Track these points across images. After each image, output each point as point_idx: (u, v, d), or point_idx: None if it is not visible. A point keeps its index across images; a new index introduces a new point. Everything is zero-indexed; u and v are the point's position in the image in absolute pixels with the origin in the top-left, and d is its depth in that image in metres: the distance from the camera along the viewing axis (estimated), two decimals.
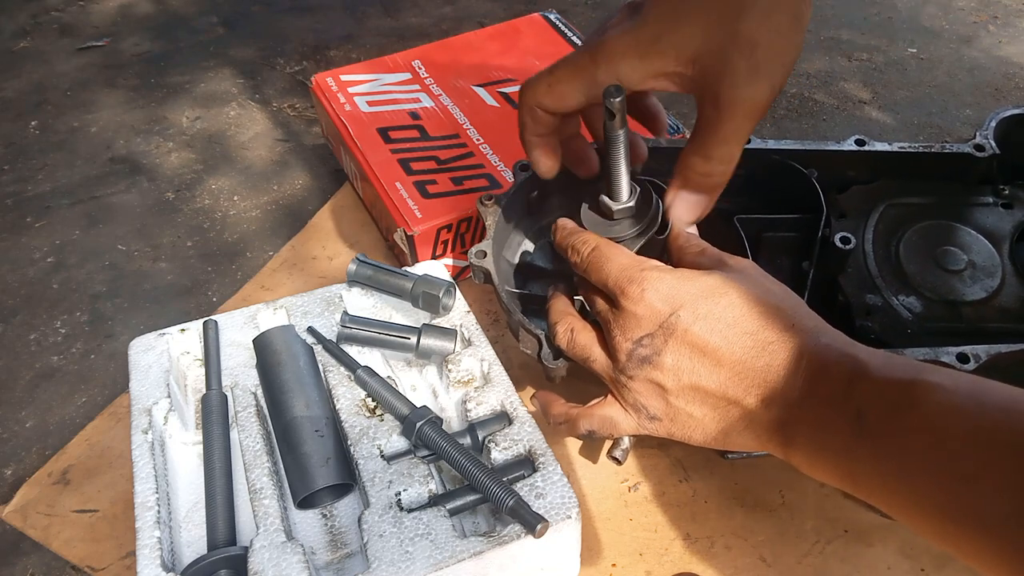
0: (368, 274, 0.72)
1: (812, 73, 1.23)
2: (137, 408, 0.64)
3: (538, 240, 0.82)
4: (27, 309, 0.93)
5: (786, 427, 0.47)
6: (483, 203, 0.73)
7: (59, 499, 0.71)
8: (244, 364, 0.68)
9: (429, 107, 0.99)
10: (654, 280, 0.51)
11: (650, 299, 0.50)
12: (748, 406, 0.48)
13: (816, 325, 0.49)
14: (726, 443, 0.51)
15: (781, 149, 0.76)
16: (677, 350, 0.49)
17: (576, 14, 1.40)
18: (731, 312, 0.49)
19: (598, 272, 0.55)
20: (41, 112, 1.26)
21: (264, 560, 0.53)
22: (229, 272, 0.96)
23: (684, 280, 0.51)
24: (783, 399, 0.47)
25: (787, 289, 0.52)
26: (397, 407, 0.61)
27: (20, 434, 0.79)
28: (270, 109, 1.23)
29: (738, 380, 0.48)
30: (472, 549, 0.52)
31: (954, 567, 0.62)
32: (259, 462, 0.60)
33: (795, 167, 0.75)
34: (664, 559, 0.63)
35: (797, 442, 0.46)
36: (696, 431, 0.51)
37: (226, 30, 1.42)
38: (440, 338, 0.68)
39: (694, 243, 0.57)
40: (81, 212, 1.07)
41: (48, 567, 0.68)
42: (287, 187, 1.08)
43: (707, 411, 0.50)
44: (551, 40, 1.09)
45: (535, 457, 0.59)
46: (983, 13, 1.35)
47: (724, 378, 0.48)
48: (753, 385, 0.47)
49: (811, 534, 0.64)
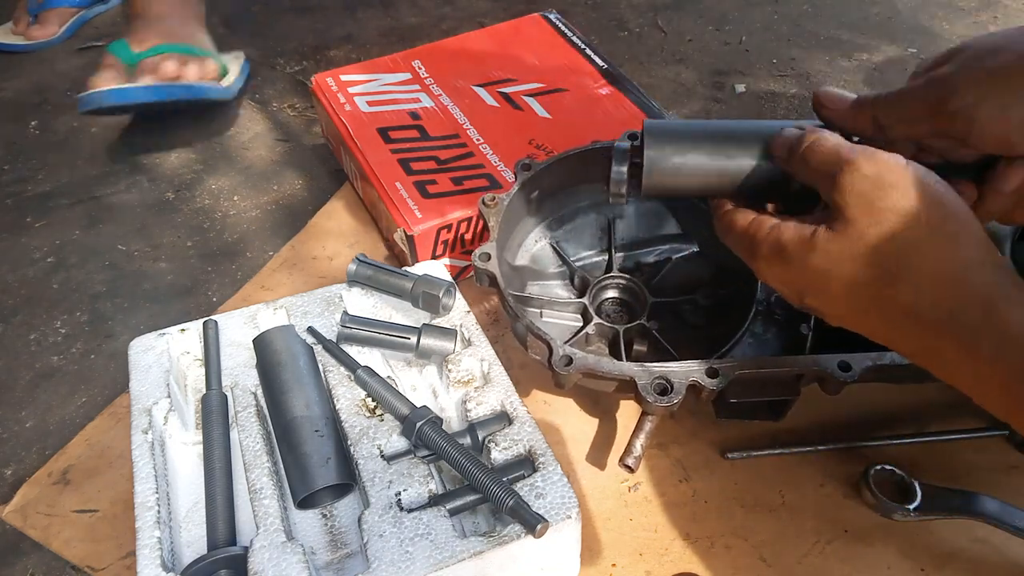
0: (368, 274, 0.72)
1: (812, 73, 1.23)
2: (137, 408, 0.64)
3: (539, 241, 0.82)
4: (27, 309, 0.93)
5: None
6: (485, 204, 0.73)
7: (59, 499, 0.71)
8: (244, 364, 0.68)
9: (429, 107, 0.99)
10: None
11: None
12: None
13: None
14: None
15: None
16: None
17: (576, 14, 1.40)
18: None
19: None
20: (41, 112, 1.26)
21: (264, 560, 0.53)
22: (229, 272, 0.96)
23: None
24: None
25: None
26: (397, 407, 0.61)
27: (20, 434, 0.79)
28: (270, 109, 1.23)
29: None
30: (472, 549, 0.52)
31: (954, 567, 0.62)
32: (259, 462, 0.60)
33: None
34: (664, 559, 0.63)
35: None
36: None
37: (226, 30, 1.41)
38: (440, 338, 0.68)
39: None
40: (81, 212, 1.07)
41: (48, 567, 0.68)
42: (287, 187, 1.08)
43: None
44: (551, 40, 1.09)
45: (535, 457, 0.59)
46: (983, 13, 1.35)
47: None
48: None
49: (811, 534, 0.64)
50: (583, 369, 0.61)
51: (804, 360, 0.62)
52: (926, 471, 0.65)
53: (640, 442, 0.65)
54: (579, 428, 0.73)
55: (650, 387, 0.60)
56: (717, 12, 1.39)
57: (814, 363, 0.61)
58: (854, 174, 0.48)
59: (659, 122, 0.61)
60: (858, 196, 0.48)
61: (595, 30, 1.36)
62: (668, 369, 0.61)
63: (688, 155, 0.58)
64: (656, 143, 0.59)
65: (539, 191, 0.78)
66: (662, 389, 0.60)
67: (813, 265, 0.50)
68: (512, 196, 0.74)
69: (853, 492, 0.66)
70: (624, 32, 1.36)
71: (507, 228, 0.75)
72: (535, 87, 1.00)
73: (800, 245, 0.50)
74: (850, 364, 0.61)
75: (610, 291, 0.78)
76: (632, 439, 0.65)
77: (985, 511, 0.62)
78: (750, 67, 1.25)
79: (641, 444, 0.64)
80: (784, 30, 1.33)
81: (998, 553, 0.62)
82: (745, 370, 0.61)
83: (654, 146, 0.59)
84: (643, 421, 0.65)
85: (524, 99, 0.99)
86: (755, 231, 0.54)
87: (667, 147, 0.59)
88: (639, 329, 0.73)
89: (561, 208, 0.82)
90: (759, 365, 0.61)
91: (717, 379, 0.60)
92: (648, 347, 0.73)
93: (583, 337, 0.73)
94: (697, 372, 0.61)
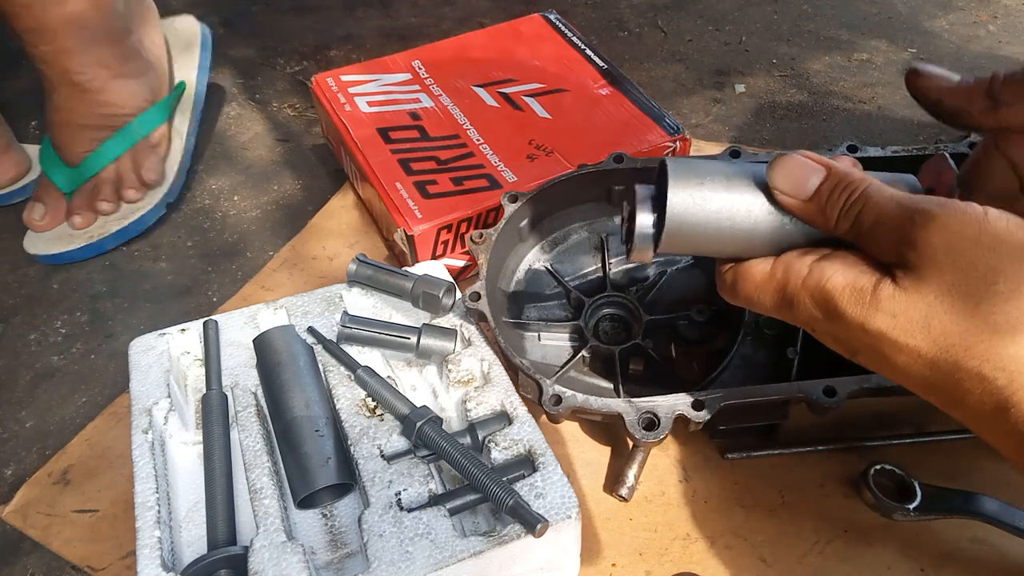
0: (368, 274, 0.72)
1: (812, 73, 1.23)
2: (137, 408, 0.64)
3: (533, 265, 0.82)
4: (27, 309, 0.93)
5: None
6: (474, 241, 0.73)
7: (59, 499, 0.71)
8: (244, 364, 0.68)
9: (429, 107, 0.99)
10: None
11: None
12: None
13: None
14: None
15: None
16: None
17: (576, 14, 1.40)
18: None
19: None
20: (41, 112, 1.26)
21: (264, 560, 0.53)
22: (229, 272, 0.96)
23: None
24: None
25: None
26: (397, 407, 0.61)
27: (20, 434, 0.79)
28: (270, 109, 1.23)
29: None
30: (472, 549, 0.52)
31: (954, 567, 0.62)
32: (259, 462, 0.60)
33: None
34: (664, 559, 0.63)
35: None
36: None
37: (226, 30, 1.41)
38: (440, 338, 0.68)
39: None
40: None
41: (48, 567, 0.68)
42: (287, 187, 1.08)
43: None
44: (551, 40, 1.09)
45: (535, 457, 0.59)
46: (983, 13, 1.35)
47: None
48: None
49: (811, 534, 0.64)
50: (572, 407, 0.62)
51: (789, 387, 0.62)
52: (926, 471, 0.65)
53: (633, 472, 0.66)
54: (579, 428, 0.73)
55: (637, 423, 0.60)
56: (717, 12, 1.39)
57: (799, 389, 0.61)
58: (930, 227, 0.40)
59: (683, 160, 0.50)
60: (944, 253, 0.39)
61: (595, 30, 1.36)
62: (655, 404, 0.61)
63: (715, 207, 0.47)
64: (682, 184, 0.47)
65: (528, 219, 0.78)
66: (649, 423, 0.61)
67: (874, 328, 0.42)
68: (500, 230, 0.74)
69: (853, 492, 0.66)
70: (624, 32, 1.36)
71: (499, 258, 0.76)
72: (535, 87, 1.00)
73: (857, 301, 0.42)
74: (835, 389, 0.61)
75: (605, 309, 0.78)
76: (625, 470, 0.66)
77: (985, 511, 0.62)
78: (750, 67, 1.25)
79: (634, 474, 0.66)
80: (784, 30, 1.33)
81: (998, 553, 0.62)
82: (731, 400, 0.61)
83: (680, 189, 0.47)
84: (635, 452, 0.67)
85: (524, 99, 0.99)
86: (786, 279, 0.45)
87: (693, 193, 0.47)
88: (634, 349, 0.73)
89: (553, 231, 0.83)
90: (745, 395, 0.62)
91: (704, 411, 0.61)
92: (644, 366, 0.73)
93: (580, 359, 0.73)
94: (683, 405, 0.61)
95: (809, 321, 0.45)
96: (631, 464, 0.67)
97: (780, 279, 0.45)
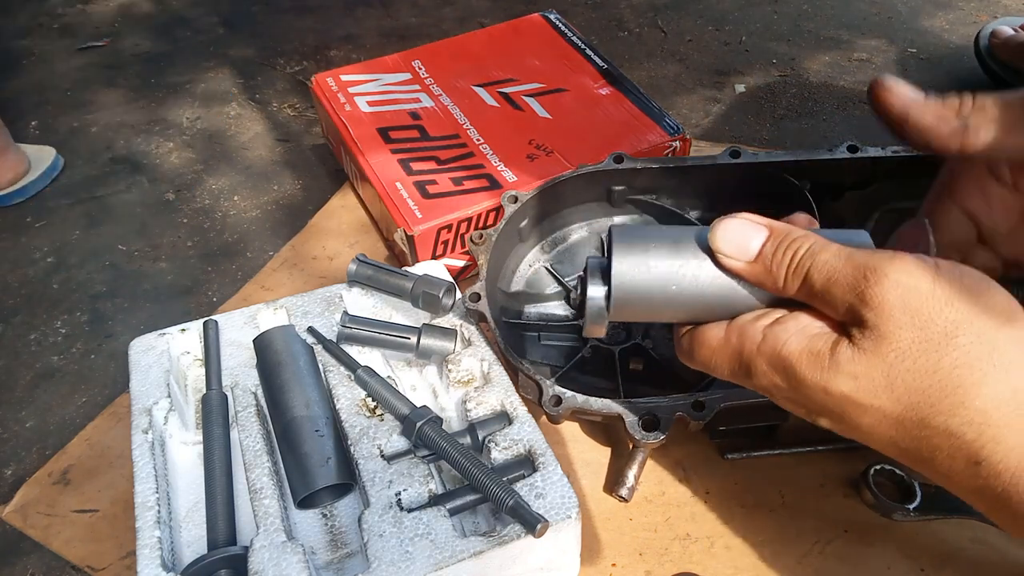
0: (368, 274, 0.72)
1: (812, 73, 1.23)
2: (137, 408, 0.64)
3: (533, 265, 0.82)
4: (27, 309, 0.93)
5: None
6: (474, 242, 0.73)
7: (59, 499, 0.71)
8: (244, 364, 0.68)
9: (429, 107, 0.99)
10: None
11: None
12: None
13: None
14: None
15: (774, 162, 0.76)
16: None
17: (576, 14, 1.40)
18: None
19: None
20: (41, 112, 1.26)
21: (264, 560, 0.53)
22: (229, 272, 0.96)
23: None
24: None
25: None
26: (397, 407, 0.61)
27: (20, 434, 0.79)
28: (270, 109, 1.23)
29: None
30: (472, 549, 0.52)
31: (954, 567, 0.62)
32: (259, 462, 0.59)
33: (789, 180, 0.75)
34: (664, 559, 0.63)
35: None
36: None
37: (226, 30, 1.42)
38: (440, 338, 0.68)
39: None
40: (81, 212, 1.07)
41: (48, 567, 0.68)
42: (287, 187, 1.08)
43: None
44: (551, 40, 1.09)
45: (535, 457, 0.59)
46: (983, 13, 1.35)
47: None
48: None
49: (811, 534, 0.64)
50: (572, 408, 0.62)
51: None
52: None
53: (633, 472, 0.66)
54: (579, 428, 0.73)
55: (637, 424, 0.60)
56: (717, 12, 1.39)
57: None
58: (883, 283, 0.39)
59: (629, 228, 0.49)
60: (900, 311, 0.38)
61: (595, 30, 1.36)
62: (655, 404, 0.61)
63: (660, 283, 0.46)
64: (627, 252, 0.46)
65: (528, 219, 0.78)
66: (649, 425, 0.60)
67: (837, 391, 0.41)
68: (500, 230, 0.74)
69: (853, 492, 0.66)
70: (624, 32, 1.36)
71: (499, 258, 0.76)
72: (535, 87, 1.00)
73: (815, 365, 0.41)
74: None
75: None
76: (625, 470, 0.66)
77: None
78: (750, 67, 1.25)
79: (634, 475, 0.66)
80: (784, 30, 1.34)
81: (998, 553, 0.62)
82: (731, 401, 0.61)
83: (625, 257, 0.46)
84: (635, 452, 0.67)
85: (524, 99, 0.99)
86: (740, 345, 0.44)
87: (639, 260, 0.46)
88: (634, 348, 0.73)
89: (553, 231, 0.83)
90: (744, 396, 0.61)
91: (703, 411, 0.60)
92: (644, 365, 0.73)
93: (581, 359, 0.73)
94: (683, 406, 0.61)
95: (769, 388, 0.44)
96: (631, 464, 0.67)
97: (735, 345, 0.44)
